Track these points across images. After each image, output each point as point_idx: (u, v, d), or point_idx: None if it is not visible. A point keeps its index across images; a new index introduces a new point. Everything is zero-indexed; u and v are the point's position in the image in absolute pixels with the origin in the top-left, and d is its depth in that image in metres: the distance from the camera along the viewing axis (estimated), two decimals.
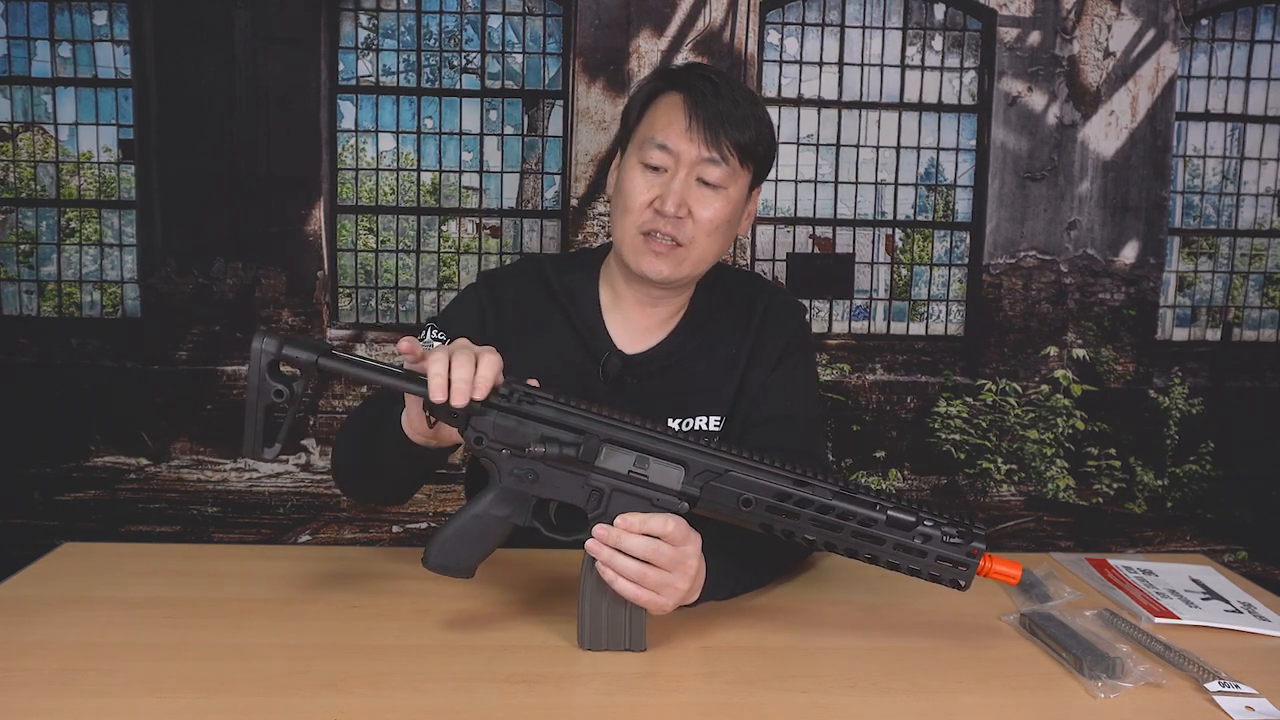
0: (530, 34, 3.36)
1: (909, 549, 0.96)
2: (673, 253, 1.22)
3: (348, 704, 0.87)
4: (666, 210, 1.19)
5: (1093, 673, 0.92)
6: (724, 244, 1.27)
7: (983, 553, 0.96)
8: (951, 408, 3.40)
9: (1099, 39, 3.33)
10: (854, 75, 3.39)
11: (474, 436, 0.99)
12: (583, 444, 0.96)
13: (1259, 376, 3.48)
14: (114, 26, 3.25)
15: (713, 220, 1.22)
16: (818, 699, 0.90)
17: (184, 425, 3.32)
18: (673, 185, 1.20)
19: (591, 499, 0.98)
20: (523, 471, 0.98)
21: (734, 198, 1.24)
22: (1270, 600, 1.15)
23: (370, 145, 3.37)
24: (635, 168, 1.23)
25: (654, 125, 1.23)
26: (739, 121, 1.20)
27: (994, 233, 3.40)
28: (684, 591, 0.98)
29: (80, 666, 0.93)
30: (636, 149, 1.24)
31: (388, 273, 3.43)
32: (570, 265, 1.38)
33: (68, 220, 3.34)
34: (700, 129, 1.19)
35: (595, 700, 0.89)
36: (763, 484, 0.96)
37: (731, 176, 1.22)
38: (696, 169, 1.20)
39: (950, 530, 0.95)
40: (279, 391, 0.98)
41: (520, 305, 1.34)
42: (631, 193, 1.22)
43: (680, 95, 1.22)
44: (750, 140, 1.21)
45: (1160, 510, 3.41)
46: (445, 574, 0.99)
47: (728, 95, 1.20)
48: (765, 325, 1.35)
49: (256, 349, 0.98)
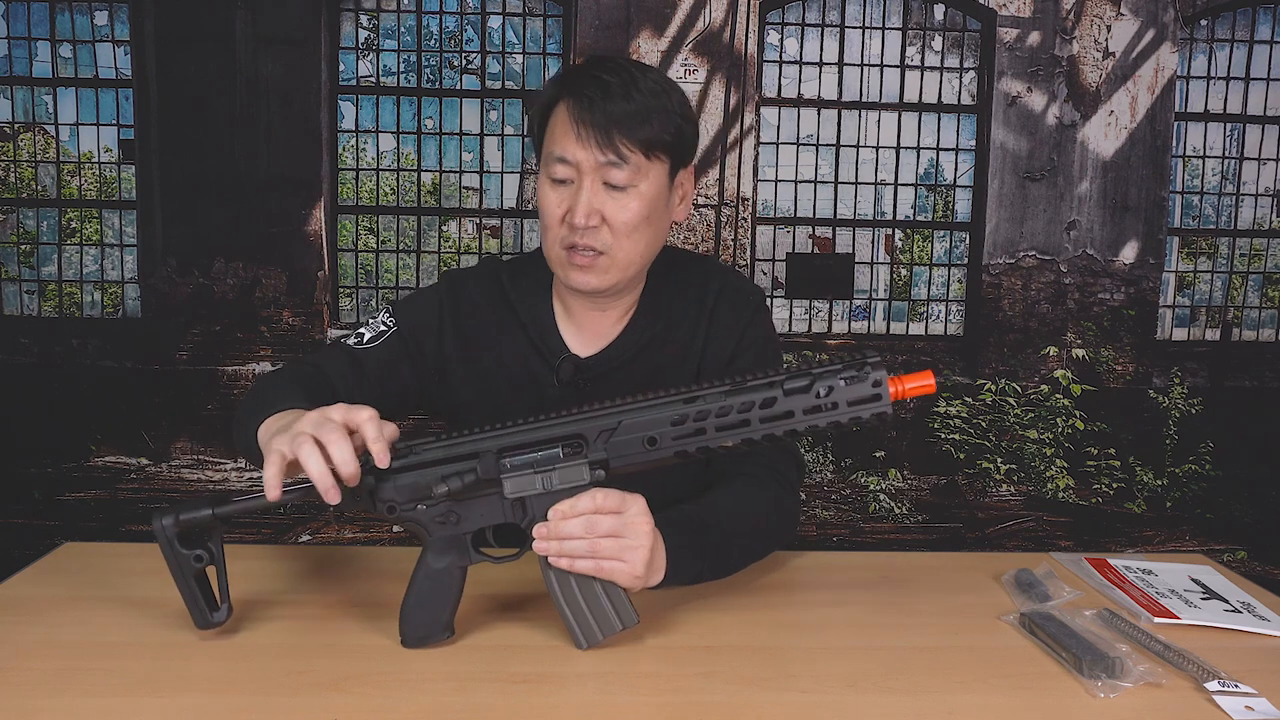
0: (530, 34, 3.36)
1: (819, 408, 0.96)
2: (596, 263, 1.20)
3: (348, 704, 0.87)
4: (577, 223, 1.17)
5: (1092, 672, 0.92)
6: (652, 240, 1.24)
7: (884, 379, 0.96)
8: (951, 408, 3.40)
9: (1098, 39, 3.33)
10: (854, 75, 3.40)
11: (386, 508, 0.99)
12: (479, 465, 0.97)
13: (1258, 376, 3.48)
14: (114, 27, 3.25)
15: (629, 222, 1.18)
16: (818, 699, 0.90)
17: (184, 425, 3.32)
18: (580, 197, 1.17)
19: (515, 510, 1.00)
20: (444, 517, 1.00)
21: (649, 193, 1.19)
22: (1270, 600, 1.16)
23: (370, 145, 3.37)
24: (545, 184, 1.21)
25: (553, 138, 1.19)
26: (634, 117, 1.15)
27: (993, 233, 3.40)
28: (645, 549, 0.98)
29: (80, 666, 0.93)
30: (544, 165, 1.21)
31: (388, 273, 3.43)
32: (525, 271, 1.35)
33: (68, 220, 3.34)
34: (591, 134, 1.15)
35: (595, 700, 0.90)
36: (656, 418, 0.98)
37: (638, 173, 1.17)
38: (600, 174, 1.17)
39: (849, 374, 0.96)
40: (198, 557, 0.99)
41: (478, 312, 1.33)
42: (545, 209, 1.21)
43: (568, 102, 1.18)
44: (653, 133, 1.17)
45: (1160, 510, 3.41)
46: (428, 645, 0.99)
47: (619, 92, 1.15)
48: (719, 309, 1.32)
49: (158, 528, 0.98)
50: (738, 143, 3.34)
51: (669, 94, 1.20)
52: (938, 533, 3.35)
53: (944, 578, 1.22)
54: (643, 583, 1.01)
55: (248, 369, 3.31)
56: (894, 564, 1.25)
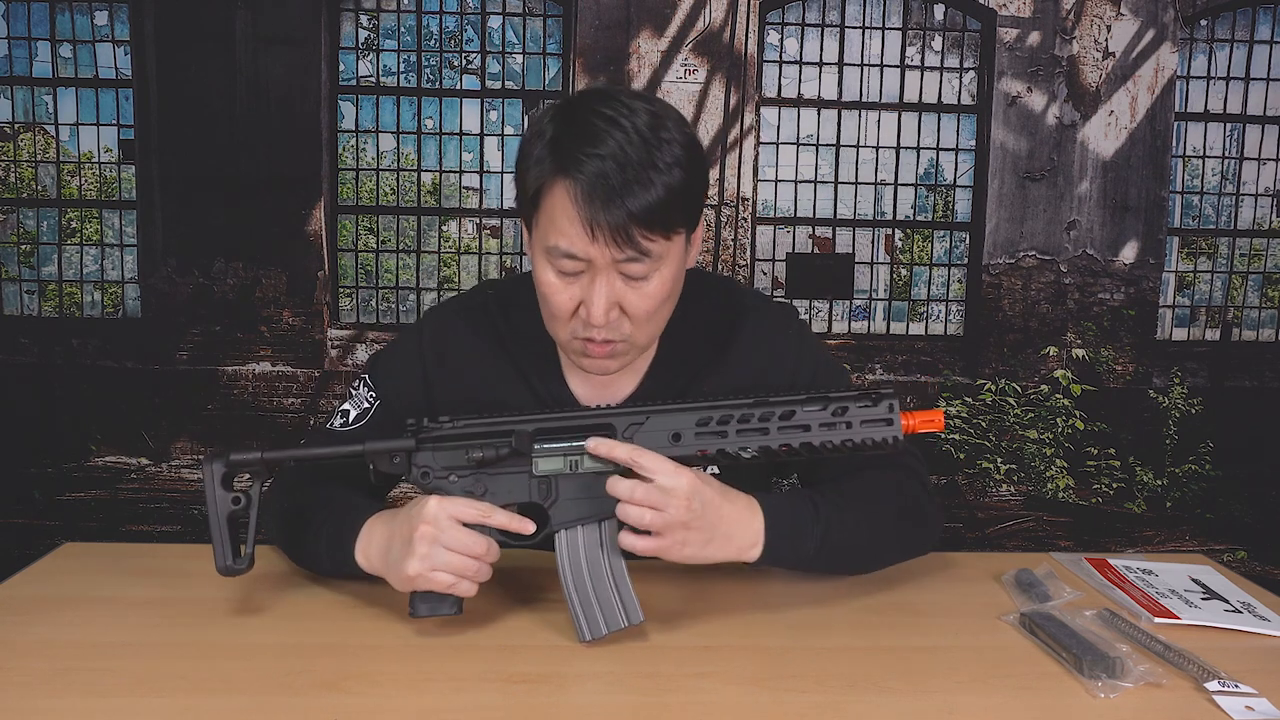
0: (530, 34, 3.36)
1: (834, 424, 1.00)
2: (614, 349, 1.07)
3: (348, 704, 0.87)
4: (595, 320, 1.02)
5: (1092, 672, 0.92)
6: (673, 305, 1.10)
7: (897, 406, 1.00)
8: (951, 408, 3.40)
9: (1098, 39, 3.33)
10: (854, 75, 3.39)
11: (419, 473, 1.03)
12: (514, 439, 1.02)
13: (1258, 376, 3.48)
14: (114, 27, 3.25)
15: (650, 310, 1.05)
16: (818, 699, 0.90)
17: (184, 425, 3.32)
18: (595, 291, 1.01)
19: (542, 490, 1.02)
20: (472, 489, 1.03)
21: (671, 272, 1.04)
22: (1270, 600, 1.15)
23: (370, 145, 3.37)
24: (546, 269, 1.04)
25: (554, 227, 1.01)
26: (656, 209, 0.98)
27: (993, 233, 3.40)
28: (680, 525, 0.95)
29: (80, 666, 0.93)
30: (542, 248, 1.03)
31: (388, 273, 3.43)
32: (521, 307, 1.16)
33: (68, 220, 3.34)
34: (605, 232, 0.97)
35: (595, 700, 0.89)
36: (683, 416, 1.02)
37: (660, 259, 1.02)
38: (617, 268, 1.02)
39: (864, 401, 1.01)
40: (235, 499, 1.03)
41: (470, 355, 1.18)
42: (551, 298, 1.04)
43: (575, 189, 0.98)
44: (676, 217, 1.01)
45: (1160, 510, 3.41)
46: (435, 615, 1.01)
47: (635, 177, 0.97)
48: (756, 352, 1.19)
49: (207, 471, 1.02)
50: (738, 143, 3.34)
51: (688, 156, 1.01)
52: None
53: (944, 578, 1.22)
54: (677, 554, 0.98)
55: (248, 369, 3.31)
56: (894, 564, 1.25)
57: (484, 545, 0.97)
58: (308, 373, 3.34)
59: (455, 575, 0.96)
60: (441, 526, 0.96)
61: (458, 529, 0.96)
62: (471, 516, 0.97)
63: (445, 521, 0.96)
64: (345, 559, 1.04)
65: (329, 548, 1.07)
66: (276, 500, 1.16)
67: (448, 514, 0.96)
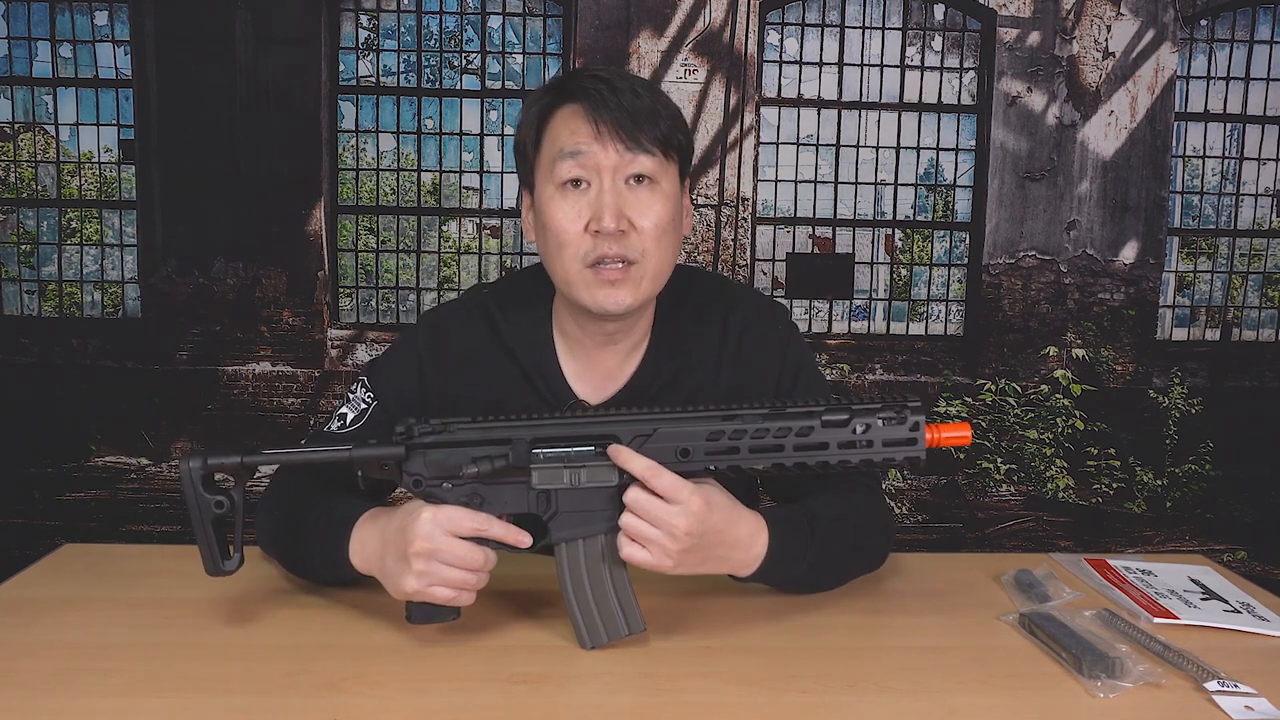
0: (530, 34, 3.36)
1: (854, 444, 0.96)
2: (627, 275, 1.07)
3: (348, 704, 0.87)
4: (606, 227, 1.04)
5: (1092, 672, 0.92)
6: (674, 249, 1.12)
7: (923, 424, 0.96)
8: (951, 407, 3.40)
9: (1098, 39, 3.33)
10: (854, 75, 3.40)
11: (411, 480, 0.99)
12: (511, 451, 0.97)
13: (1258, 376, 3.48)
14: (114, 27, 3.25)
15: (658, 225, 1.07)
16: (818, 699, 0.90)
17: (184, 425, 3.32)
18: (604, 198, 1.05)
19: (540, 502, 0.99)
20: (468, 498, 0.99)
21: (671, 193, 1.09)
22: (1269, 600, 1.15)
23: (370, 145, 3.37)
24: (553, 195, 1.07)
25: (559, 137, 1.07)
26: (649, 113, 1.06)
27: (993, 233, 3.40)
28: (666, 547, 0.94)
29: (80, 666, 0.93)
30: (547, 173, 1.08)
31: (388, 273, 3.43)
32: (519, 302, 1.20)
33: (68, 220, 3.34)
34: (611, 130, 1.04)
35: (595, 700, 0.90)
36: (692, 430, 0.97)
37: (662, 168, 1.08)
38: (622, 171, 1.06)
39: (887, 414, 0.96)
40: (219, 503, 0.98)
41: (467, 355, 1.19)
42: (559, 224, 1.07)
43: (576, 105, 1.07)
44: (667, 130, 1.08)
45: (1160, 510, 3.41)
46: (432, 622, 0.99)
47: (626, 89, 1.06)
48: (744, 346, 1.20)
49: (185, 470, 0.98)
50: (738, 143, 3.34)
51: (665, 95, 1.12)
52: (938, 533, 3.35)
53: (944, 578, 1.22)
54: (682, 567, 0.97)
55: (248, 369, 3.31)
56: (894, 564, 1.25)
57: (481, 558, 0.95)
58: (308, 373, 3.34)
59: (455, 589, 0.95)
60: (437, 542, 0.94)
61: (454, 543, 0.94)
62: (468, 529, 0.95)
63: (441, 538, 0.94)
64: (340, 564, 1.03)
65: (321, 554, 1.06)
66: (268, 512, 1.14)
67: (443, 528, 0.94)
